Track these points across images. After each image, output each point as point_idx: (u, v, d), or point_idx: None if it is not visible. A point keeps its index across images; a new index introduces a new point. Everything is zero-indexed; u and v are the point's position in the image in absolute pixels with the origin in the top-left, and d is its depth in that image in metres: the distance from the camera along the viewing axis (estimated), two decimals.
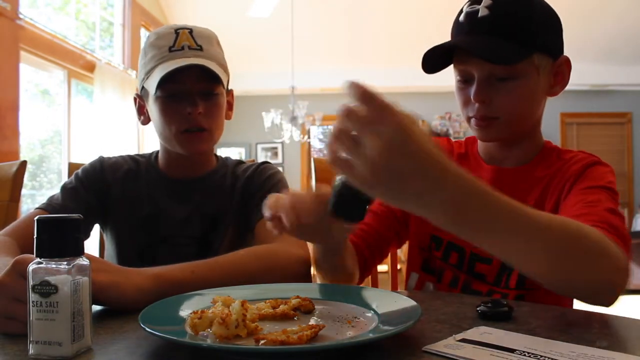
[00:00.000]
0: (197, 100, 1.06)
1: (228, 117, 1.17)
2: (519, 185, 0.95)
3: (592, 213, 0.79)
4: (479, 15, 0.88)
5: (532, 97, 0.92)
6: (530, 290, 0.91)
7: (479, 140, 1.03)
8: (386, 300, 0.68)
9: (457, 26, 0.93)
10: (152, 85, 1.04)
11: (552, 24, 0.93)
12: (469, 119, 0.95)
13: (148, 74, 1.08)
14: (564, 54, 0.95)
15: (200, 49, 1.07)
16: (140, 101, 1.17)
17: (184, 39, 1.07)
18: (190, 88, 1.06)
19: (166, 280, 0.75)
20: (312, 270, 0.95)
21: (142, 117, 1.17)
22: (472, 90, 0.91)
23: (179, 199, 1.14)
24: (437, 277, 1.01)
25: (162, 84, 1.02)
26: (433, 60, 0.93)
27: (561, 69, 0.94)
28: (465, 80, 0.94)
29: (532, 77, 0.90)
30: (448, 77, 1.04)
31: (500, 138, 0.96)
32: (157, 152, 1.20)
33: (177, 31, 1.07)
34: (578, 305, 0.97)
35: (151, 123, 1.15)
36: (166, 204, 1.13)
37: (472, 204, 0.56)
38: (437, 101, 7.28)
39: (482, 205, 0.57)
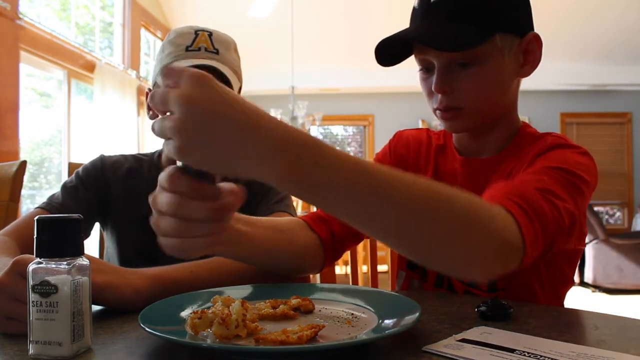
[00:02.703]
0: None
1: None
2: (488, 176, 0.89)
3: (512, 186, 0.71)
4: (432, 0, 0.83)
5: (498, 81, 0.86)
6: (501, 291, 0.88)
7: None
8: (386, 300, 0.68)
9: (413, 13, 0.87)
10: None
11: (513, 0, 0.85)
12: (434, 111, 0.90)
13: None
14: (540, 37, 0.88)
15: (217, 52, 1.08)
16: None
17: (202, 41, 1.07)
18: None
19: (164, 281, 0.75)
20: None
21: (150, 112, 1.18)
22: (433, 80, 0.85)
23: None
24: (421, 276, 0.98)
25: None
26: (391, 52, 0.86)
27: (531, 47, 0.87)
28: (426, 70, 0.88)
29: (496, 60, 0.83)
30: None
31: (469, 128, 0.91)
32: (161, 150, 1.20)
33: (197, 32, 1.08)
34: (577, 305, 0.97)
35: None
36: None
37: (295, 158, 0.49)
38: None
39: (309, 159, 0.49)
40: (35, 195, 4.13)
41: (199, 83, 0.47)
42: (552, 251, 0.74)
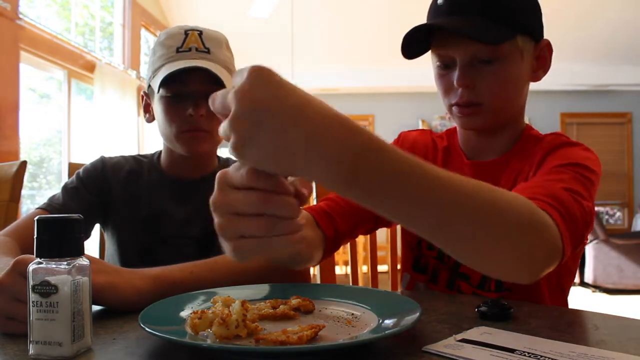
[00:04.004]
0: (199, 102, 1.06)
1: None
2: (496, 178, 0.92)
3: (542, 187, 0.73)
4: None
5: (516, 81, 0.89)
6: (508, 292, 0.90)
7: (459, 133, 1.00)
8: (386, 300, 0.68)
9: (436, 9, 0.89)
10: (157, 84, 1.05)
11: (532, 5, 0.89)
12: (450, 107, 0.92)
13: (155, 72, 1.08)
14: (555, 46, 0.92)
15: (208, 51, 1.07)
16: (147, 99, 1.17)
17: (192, 41, 1.07)
18: (193, 90, 1.06)
19: (165, 281, 0.75)
20: (312, 270, 0.94)
21: (147, 115, 1.18)
22: (455, 75, 0.87)
23: (180, 200, 1.14)
24: (431, 278, 0.98)
25: (166, 83, 1.03)
26: (411, 46, 0.89)
27: (543, 53, 0.91)
28: (445, 66, 0.90)
29: (515, 60, 0.87)
30: None
31: (484, 125, 0.92)
32: (160, 152, 1.20)
33: (187, 32, 1.08)
34: (577, 305, 0.97)
35: (155, 122, 1.15)
36: (167, 205, 1.13)
37: (361, 160, 0.45)
38: (437, 101, 7.22)
39: (376, 161, 0.46)
40: (35, 195, 4.13)
41: (257, 78, 0.44)
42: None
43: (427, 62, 0.95)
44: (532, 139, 0.94)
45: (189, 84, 1.05)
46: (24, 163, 1.30)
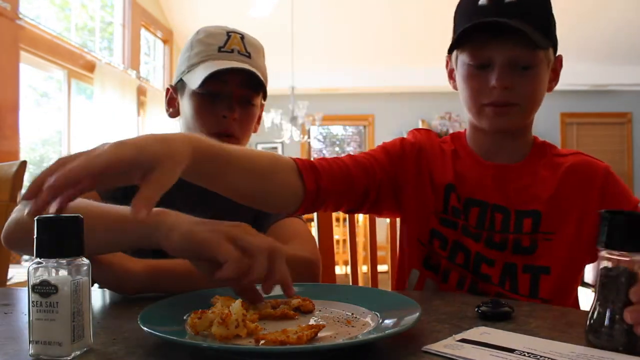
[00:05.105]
0: (234, 105, 1.05)
1: (254, 130, 1.15)
2: (522, 182, 0.95)
3: None
4: (506, 0, 0.88)
5: (544, 88, 0.94)
6: (544, 302, 0.89)
7: (471, 136, 1.01)
8: (386, 300, 0.68)
9: (477, 9, 0.90)
10: (193, 79, 1.04)
11: (554, 20, 0.95)
12: (481, 107, 0.92)
13: (191, 67, 1.07)
14: (561, 53, 0.99)
15: (249, 56, 1.07)
16: (172, 93, 1.16)
17: (234, 43, 1.06)
18: (231, 91, 1.05)
19: (156, 267, 0.76)
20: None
21: (170, 109, 1.17)
22: (493, 75, 0.89)
23: (184, 202, 1.13)
24: (443, 278, 0.98)
25: (206, 80, 1.02)
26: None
27: (556, 66, 0.98)
28: (479, 66, 0.91)
29: (544, 68, 0.92)
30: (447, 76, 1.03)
31: (514, 125, 0.95)
32: None
33: (229, 33, 1.07)
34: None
35: (178, 118, 1.14)
36: (169, 206, 1.13)
37: None
38: (437, 101, 7.26)
39: None
40: None
41: None
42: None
43: (427, 63, 0.96)
44: (546, 147, 1.00)
45: (229, 84, 1.04)
46: (24, 163, 1.29)
